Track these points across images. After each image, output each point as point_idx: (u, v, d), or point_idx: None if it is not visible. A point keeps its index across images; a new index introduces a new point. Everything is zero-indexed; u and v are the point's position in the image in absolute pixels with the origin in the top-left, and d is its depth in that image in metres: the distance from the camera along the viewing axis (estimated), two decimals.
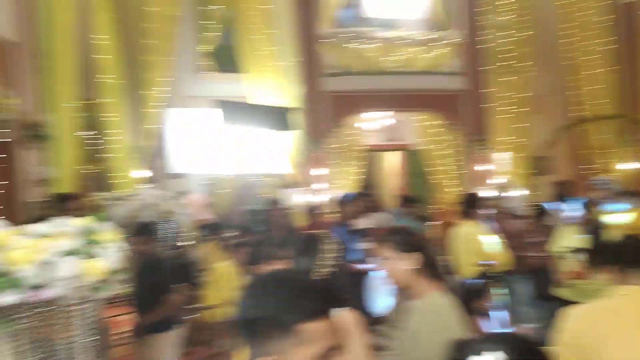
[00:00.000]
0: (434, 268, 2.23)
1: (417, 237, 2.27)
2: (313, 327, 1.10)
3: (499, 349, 1.26)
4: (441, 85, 8.95)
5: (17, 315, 2.34)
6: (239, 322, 1.17)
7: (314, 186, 8.88)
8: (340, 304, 1.22)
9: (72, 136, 5.55)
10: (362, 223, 6.01)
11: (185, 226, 6.60)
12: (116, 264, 2.53)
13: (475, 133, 8.97)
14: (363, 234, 5.94)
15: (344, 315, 1.87)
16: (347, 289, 2.23)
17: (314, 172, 8.90)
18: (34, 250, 2.27)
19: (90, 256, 2.46)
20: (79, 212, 4.65)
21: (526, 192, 8.81)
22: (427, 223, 7.55)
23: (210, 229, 7.85)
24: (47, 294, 2.30)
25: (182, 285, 6.07)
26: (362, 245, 5.84)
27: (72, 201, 4.65)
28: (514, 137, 8.99)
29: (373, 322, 2.74)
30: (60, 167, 5.29)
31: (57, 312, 2.51)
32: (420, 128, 9.83)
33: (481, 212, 4.57)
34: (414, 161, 10.75)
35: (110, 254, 2.52)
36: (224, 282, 5.87)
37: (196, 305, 5.99)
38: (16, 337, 2.42)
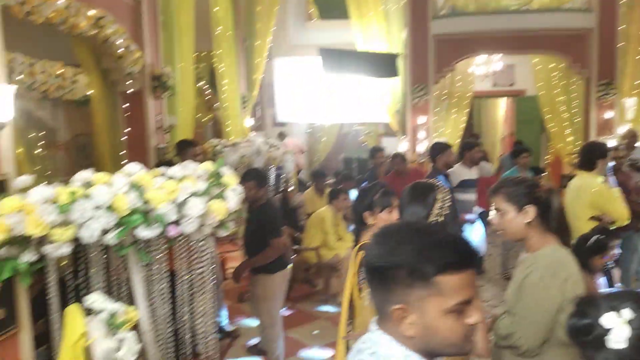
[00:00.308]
0: (549, 221, 2.17)
1: (532, 188, 2.16)
2: (453, 280, 1.06)
3: (626, 306, 1.24)
4: (565, 23, 8.12)
5: (151, 249, 2.66)
6: (369, 268, 1.14)
7: (417, 134, 8.76)
8: (478, 259, 1.05)
9: (191, 86, 5.91)
10: (466, 173, 5.88)
11: (289, 172, 6.88)
12: (235, 206, 2.73)
13: (601, 76, 8.18)
14: (466, 184, 5.83)
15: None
16: None
17: (416, 120, 8.76)
18: (170, 191, 2.54)
19: (215, 197, 2.68)
20: (199, 157, 5.05)
21: None
22: (541, 174, 7.23)
23: (311, 176, 8.15)
24: (180, 230, 2.55)
25: (286, 228, 6.48)
26: (466, 196, 5.76)
27: (193, 147, 4.88)
28: None
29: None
30: (180, 116, 5.65)
31: (183, 247, 2.84)
32: (536, 71, 9.13)
33: (601, 163, 4.29)
34: (526, 108, 10.23)
35: (231, 196, 2.72)
36: (322, 227, 6.16)
37: (297, 247, 6.35)
38: (148, 268, 2.75)
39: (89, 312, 2.27)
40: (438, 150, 5.61)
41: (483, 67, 9.76)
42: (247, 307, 5.68)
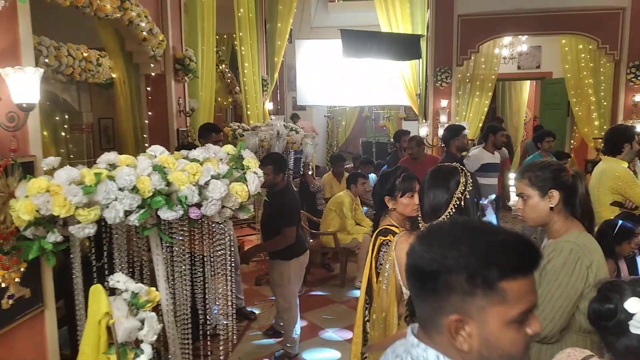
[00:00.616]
0: (574, 207, 2.13)
1: (557, 172, 2.13)
2: (519, 286, 0.93)
3: None
4: (595, 2, 7.85)
5: (172, 230, 2.70)
6: (416, 273, 0.98)
7: (438, 118, 8.68)
8: (540, 259, 0.93)
9: (212, 70, 5.92)
10: (488, 157, 5.81)
11: (308, 157, 6.88)
12: (256, 189, 2.74)
13: (632, 58, 7.89)
14: (489, 168, 5.77)
15: None
16: None
17: (439, 103, 8.66)
18: (193, 173, 2.56)
19: (237, 180, 2.70)
20: (221, 140, 5.10)
21: None
22: (566, 159, 7.09)
23: (330, 160, 8.13)
24: (203, 211, 2.56)
25: (305, 213, 6.53)
26: (487, 180, 5.71)
27: (216, 134, 4.93)
28: None
29: None
30: (201, 99, 5.68)
31: (204, 229, 2.88)
32: (563, 53, 8.91)
33: (627, 148, 4.18)
34: (552, 91, 10.03)
35: (252, 178, 2.73)
36: (340, 211, 6.17)
37: (315, 232, 6.38)
38: (170, 249, 2.81)
39: (112, 292, 2.31)
40: (451, 133, 5.54)
41: (508, 49, 9.58)
42: (265, 290, 5.75)
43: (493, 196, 5.83)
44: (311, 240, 6.34)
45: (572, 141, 9.75)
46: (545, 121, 9.94)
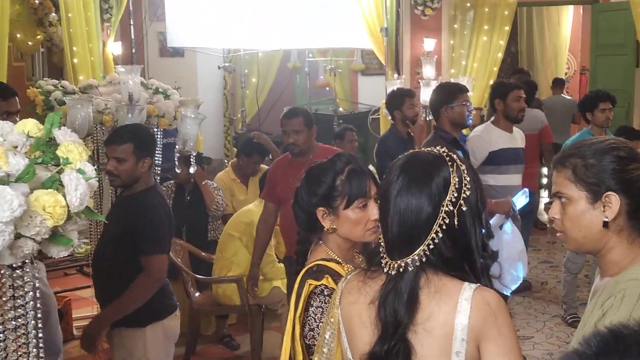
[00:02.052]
0: None
1: (621, 162, 2.17)
2: None
3: None
4: None
5: None
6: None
7: (420, 71, 8.80)
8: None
9: None
10: (502, 138, 6.01)
11: (190, 141, 6.78)
12: (83, 199, 2.63)
13: None
14: (505, 157, 5.95)
15: None
16: None
17: (420, 45, 8.87)
18: None
19: (46, 185, 2.60)
20: (16, 113, 4.95)
21: None
22: (637, 140, 7.33)
23: (241, 149, 7.99)
24: None
25: (182, 243, 6.45)
26: (503, 177, 5.91)
27: (3, 95, 4.89)
28: None
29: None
30: None
31: None
32: None
33: None
34: (611, 24, 10.33)
35: (74, 183, 2.62)
36: (250, 239, 6.11)
37: (204, 277, 6.32)
38: None
39: None
40: (442, 97, 5.62)
41: None
42: None
43: (521, 197, 5.91)
44: (197, 294, 6.34)
45: None
46: (601, 75, 10.29)
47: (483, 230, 2.17)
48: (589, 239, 2.22)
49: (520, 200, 5.84)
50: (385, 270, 2.14)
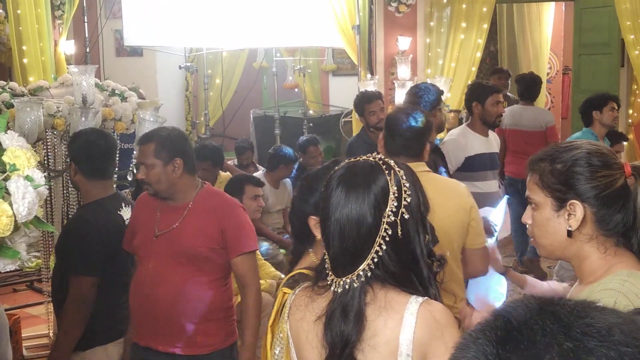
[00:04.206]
0: (625, 230, 2.23)
1: (590, 169, 2.19)
2: None
3: None
4: None
5: None
6: None
7: (395, 71, 8.81)
8: None
9: None
10: (477, 143, 6.03)
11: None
12: (31, 209, 2.65)
13: None
14: (480, 162, 5.99)
15: None
16: None
17: (394, 43, 8.85)
18: None
19: None
20: None
21: None
22: (620, 142, 7.39)
23: (197, 152, 7.94)
24: None
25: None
26: (479, 185, 5.90)
27: None
28: None
29: None
30: None
31: None
32: None
33: None
34: (595, 23, 10.33)
35: (21, 190, 2.63)
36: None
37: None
38: None
39: None
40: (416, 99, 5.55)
41: None
42: None
43: (502, 208, 5.85)
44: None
45: (629, 110, 10.15)
46: (585, 75, 10.34)
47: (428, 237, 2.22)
48: (556, 247, 2.31)
49: (499, 214, 5.80)
50: (331, 287, 2.19)
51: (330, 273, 2.23)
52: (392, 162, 2.25)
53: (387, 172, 2.20)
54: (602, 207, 2.21)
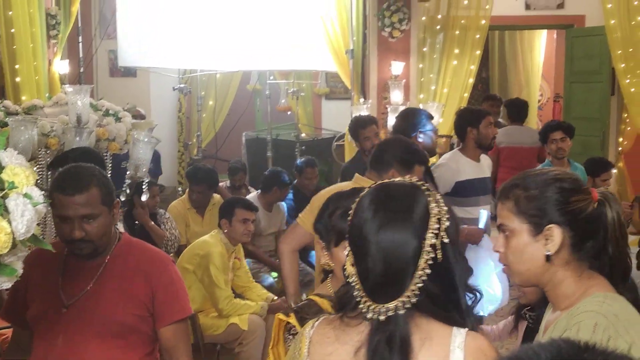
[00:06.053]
0: (593, 253, 2.27)
1: (565, 193, 2.24)
2: None
3: None
4: None
5: None
6: None
7: (388, 95, 8.82)
8: None
9: None
10: (470, 168, 6.05)
11: (143, 166, 6.73)
12: (29, 226, 2.61)
13: None
14: (472, 188, 5.99)
15: None
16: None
17: (387, 68, 8.87)
18: None
19: None
20: None
21: None
22: (607, 171, 7.34)
23: (186, 176, 7.92)
24: None
25: None
26: (470, 210, 5.93)
27: None
28: None
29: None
30: None
31: None
32: None
33: None
34: (586, 50, 10.41)
35: (21, 208, 2.59)
36: (205, 272, 6.00)
37: None
38: None
39: None
40: (408, 123, 5.78)
41: None
42: None
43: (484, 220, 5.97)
44: None
45: (619, 139, 10.17)
46: (575, 103, 10.37)
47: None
48: (532, 272, 2.30)
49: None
50: (369, 316, 2.06)
51: (365, 300, 2.10)
52: (428, 184, 2.20)
53: (427, 193, 2.15)
54: (577, 231, 2.25)
